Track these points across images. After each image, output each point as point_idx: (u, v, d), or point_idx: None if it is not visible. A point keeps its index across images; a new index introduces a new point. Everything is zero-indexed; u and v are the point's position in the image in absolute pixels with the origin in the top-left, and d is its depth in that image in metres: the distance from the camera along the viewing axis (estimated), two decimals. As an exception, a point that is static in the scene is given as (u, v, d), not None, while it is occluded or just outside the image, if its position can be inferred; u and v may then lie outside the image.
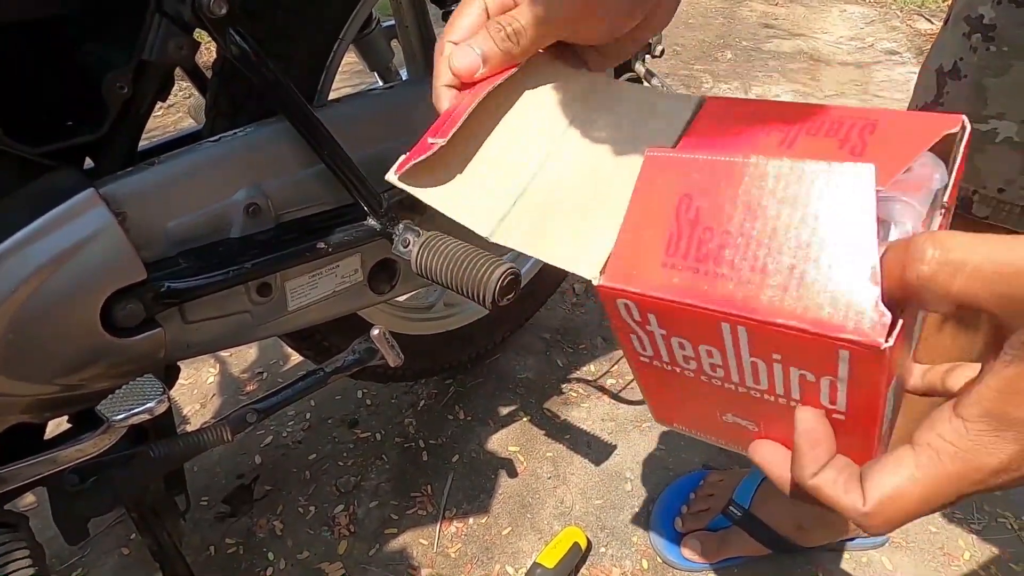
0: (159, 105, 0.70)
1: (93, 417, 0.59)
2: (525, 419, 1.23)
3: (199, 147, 0.69)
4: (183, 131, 0.84)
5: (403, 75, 0.99)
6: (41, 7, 0.65)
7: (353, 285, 0.81)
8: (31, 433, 0.69)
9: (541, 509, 1.08)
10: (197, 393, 1.31)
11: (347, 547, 1.03)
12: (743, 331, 0.30)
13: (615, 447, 1.16)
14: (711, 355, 0.33)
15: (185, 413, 1.27)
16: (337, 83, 0.85)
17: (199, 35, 0.66)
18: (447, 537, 1.04)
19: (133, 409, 0.58)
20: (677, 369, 0.35)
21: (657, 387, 0.39)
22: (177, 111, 2.43)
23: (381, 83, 1.01)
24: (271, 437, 1.22)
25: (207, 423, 0.71)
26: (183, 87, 2.49)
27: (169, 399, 0.61)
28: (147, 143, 0.76)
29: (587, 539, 1.00)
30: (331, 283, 0.79)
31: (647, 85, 0.98)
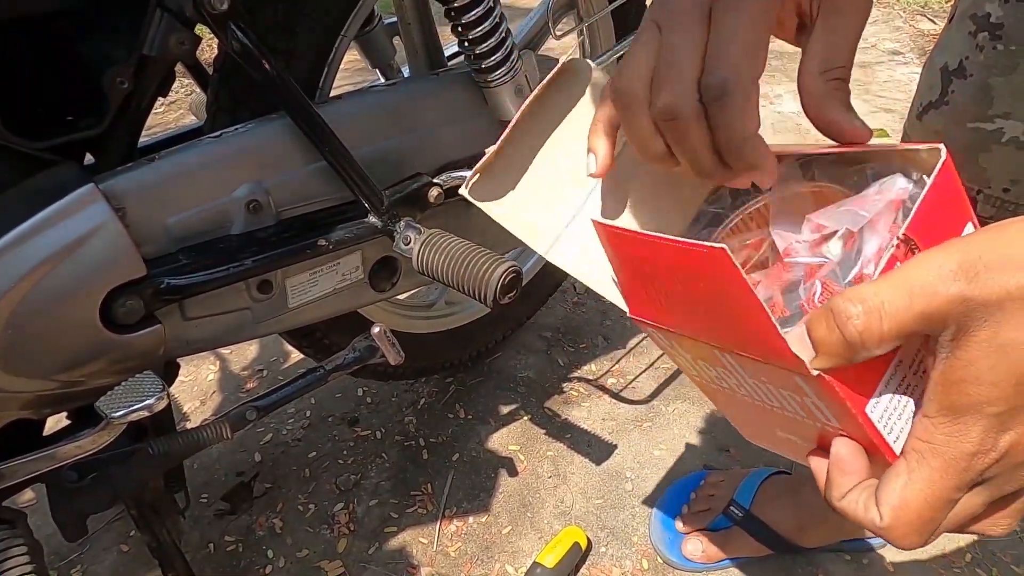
0: (160, 101, 0.70)
1: (92, 413, 0.58)
2: (526, 418, 1.23)
3: (200, 143, 0.69)
4: (184, 127, 0.84)
5: (405, 72, 0.99)
6: (42, 1, 0.64)
7: (354, 283, 0.81)
8: (30, 429, 0.68)
9: (541, 508, 1.07)
10: (197, 390, 1.31)
11: (347, 545, 1.03)
12: (731, 358, 0.31)
13: (616, 447, 1.16)
14: (727, 376, 0.34)
15: (185, 410, 1.27)
16: (338, 80, 0.84)
17: (200, 31, 0.65)
18: (447, 536, 1.04)
19: (132, 406, 0.58)
20: (724, 387, 0.36)
21: (726, 406, 0.39)
22: (178, 108, 2.43)
23: (383, 80, 1.00)
24: (271, 435, 1.22)
25: (207, 420, 0.71)
26: (184, 84, 2.49)
27: (169, 396, 0.61)
28: (148, 139, 0.76)
29: (587, 539, 1.00)
30: (332, 280, 0.79)
31: None
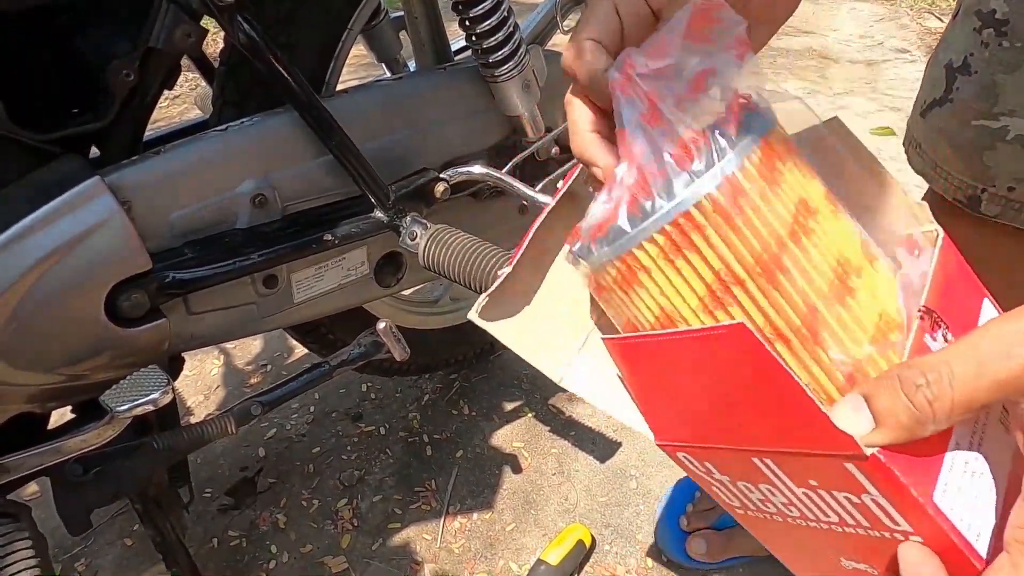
0: (165, 95, 0.70)
1: (97, 407, 0.58)
2: (530, 415, 1.22)
3: (206, 137, 0.69)
4: (190, 121, 0.84)
5: (411, 66, 0.98)
6: (48, -7, 0.64)
7: (359, 278, 0.81)
8: (34, 423, 0.68)
9: (545, 505, 1.07)
10: (201, 385, 1.31)
11: (350, 541, 1.03)
12: (771, 463, 0.29)
13: (620, 444, 1.16)
14: (773, 494, 0.31)
15: (189, 405, 1.27)
16: (345, 75, 0.84)
17: (207, 23, 0.65)
18: (450, 532, 1.04)
19: (137, 400, 0.58)
20: (772, 512, 0.33)
21: (781, 543, 0.36)
22: (183, 102, 2.43)
23: (389, 75, 1.00)
24: (275, 430, 1.22)
25: (211, 415, 0.71)
26: (190, 78, 2.49)
27: (173, 390, 0.61)
28: (153, 132, 0.75)
29: (591, 536, 1.00)
30: (337, 275, 0.79)
31: None
